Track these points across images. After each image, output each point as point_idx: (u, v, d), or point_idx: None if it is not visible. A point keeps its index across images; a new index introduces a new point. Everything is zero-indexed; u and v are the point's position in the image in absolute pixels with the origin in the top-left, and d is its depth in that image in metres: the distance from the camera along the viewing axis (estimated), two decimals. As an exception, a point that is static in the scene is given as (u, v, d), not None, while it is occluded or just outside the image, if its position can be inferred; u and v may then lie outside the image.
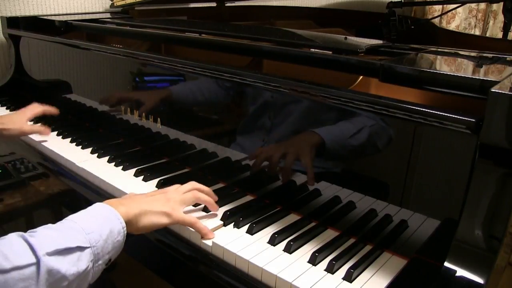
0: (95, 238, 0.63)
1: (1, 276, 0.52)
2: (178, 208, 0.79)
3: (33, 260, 0.55)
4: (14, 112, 1.30)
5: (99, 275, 0.65)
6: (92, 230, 0.63)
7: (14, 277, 0.53)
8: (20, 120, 1.19)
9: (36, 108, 1.26)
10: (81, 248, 0.60)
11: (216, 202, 0.88)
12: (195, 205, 0.89)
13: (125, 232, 0.69)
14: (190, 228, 0.81)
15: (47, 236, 0.60)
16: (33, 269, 0.55)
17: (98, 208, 0.69)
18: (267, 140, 0.93)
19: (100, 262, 0.63)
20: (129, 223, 0.71)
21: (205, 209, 0.87)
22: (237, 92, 0.97)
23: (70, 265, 0.58)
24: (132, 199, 0.78)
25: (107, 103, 1.30)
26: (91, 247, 0.62)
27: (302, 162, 0.87)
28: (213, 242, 0.77)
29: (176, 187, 0.84)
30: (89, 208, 0.69)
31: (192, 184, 0.85)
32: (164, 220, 0.76)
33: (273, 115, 0.91)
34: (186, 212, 0.82)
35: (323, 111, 0.84)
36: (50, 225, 0.63)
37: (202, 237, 0.79)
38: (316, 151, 0.85)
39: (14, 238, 0.58)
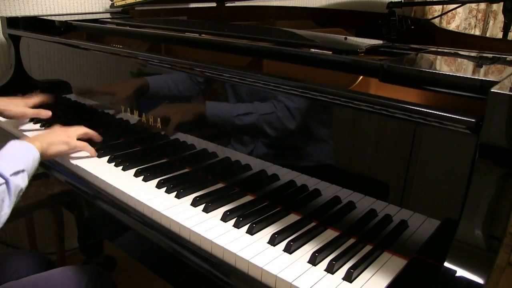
0: (28, 163, 0.93)
1: None
2: (73, 137, 1.10)
3: (3, 180, 0.85)
4: (14, 98, 1.38)
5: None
6: (25, 159, 0.93)
7: None
8: (22, 103, 1.33)
9: (36, 98, 1.38)
10: (22, 171, 0.90)
11: (217, 202, 0.89)
12: (195, 205, 0.89)
13: (39, 157, 0.99)
14: (190, 228, 0.81)
15: (5, 164, 0.88)
16: (4, 186, 0.85)
17: (21, 144, 0.97)
18: (255, 141, 0.95)
19: (28, 179, 0.93)
20: (42, 153, 1.00)
21: (205, 210, 0.88)
22: (208, 87, 1.04)
23: (21, 181, 0.89)
24: (38, 135, 1.06)
25: (84, 94, 1.40)
26: (26, 170, 0.91)
27: (175, 115, 1.08)
28: (213, 242, 0.77)
29: (72, 127, 1.14)
30: (13, 144, 0.95)
31: (84, 128, 1.16)
32: (64, 147, 1.07)
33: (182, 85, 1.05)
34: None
35: (219, 90, 0.98)
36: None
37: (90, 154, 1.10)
38: (198, 117, 1.04)
39: None
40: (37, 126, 1.37)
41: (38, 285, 0.99)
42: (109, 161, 1.10)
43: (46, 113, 1.33)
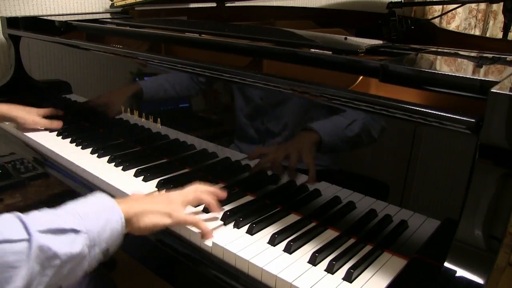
0: (91, 224, 0.64)
1: None
2: (179, 209, 0.79)
3: (25, 236, 0.56)
4: (27, 107, 1.36)
5: (95, 264, 0.66)
6: (88, 216, 0.64)
7: (4, 249, 0.55)
8: (35, 111, 1.31)
9: (50, 109, 1.37)
10: (75, 231, 0.61)
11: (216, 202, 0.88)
12: (195, 206, 0.89)
13: (123, 223, 0.69)
14: (191, 228, 0.81)
15: (42, 216, 0.62)
16: (24, 244, 0.56)
17: (97, 197, 0.71)
18: (267, 145, 0.93)
19: (96, 249, 0.64)
20: (129, 221, 0.71)
21: (206, 210, 0.87)
22: (213, 87, 1.00)
23: (63, 245, 0.59)
24: (133, 198, 0.78)
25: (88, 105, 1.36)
26: (86, 232, 0.63)
27: (304, 161, 0.87)
28: (213, 242, 0.77)
29: (180, 191, 0.84)
30: (90, 197, 0.71)
31: (196, 186, 0.85)
32: (166, 220, 0.76)
33: (267, 120, 0.92)
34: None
35: (313, 108, 0.84)
36: (48, 209, 0.65)
37: (203, 237, 0.79)
38: (315, 148, 0.85)
39: (8, 216, 0.60)
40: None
41: None
42: (109, 161, 1.10)
43: (58, 124, 1.31)
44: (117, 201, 0.73)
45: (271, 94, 0.90)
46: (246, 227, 0.81)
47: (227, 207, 0.88)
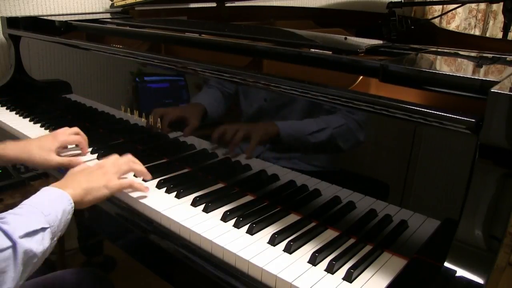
0: (53, 219, 0.72)
1: None
2: (114, 178, 0.89)
3: (9, 243, 0.63)
4: (43, 135, 1.10)
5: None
6: (50, 213, 0.72)
7: None
8: (48, 147, 1.03)
9: (72, 137, 1.10)
10: (43, 229, 0.69)
11: (217, 202, 0.89)
12: (195, 205, 0.89)
13: (73, 208, 0.79)
14: (190, 228, 0.81)
15: (16, 221, 0.67)
16: (10, 251, 0.63)
17: (50, 192, 0.78)
18: (268, 146, 0.94)
19: (55, 239, 0.73)
20: (76, 203, 0.80)
21: (205, 210, 0.87)
22: (234, 94, 0.99)
23: (38, 244, 0.67)
24: (73, 178, 0.86)
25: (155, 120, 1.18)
26: (50, 227, 0.71)
27: (250, 139, 0.96)
28: (213, 242, 0.77)
29: (112, 160, 0.93)
30: (41, 192, 0.77)
31: (128, 157, 0.96)
32: (104, 192, 0.86)
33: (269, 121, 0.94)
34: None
35: (306, 110, 0.87)
36: (12, 210, 0.71)
37: (140, 190, 0.91)
38: (270, 139, 0.93)
39: None
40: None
41: None
42: (109, 161, 1.10)
43: (77, 162, 1.04)
44: (61, 184, 0.81)
45: (275, 96, 0.91)
46: (246, 227, 0.81)
47: (227, 207, 0.88)
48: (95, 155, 1.14)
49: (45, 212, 0.71)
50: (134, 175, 1.00)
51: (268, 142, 0.94)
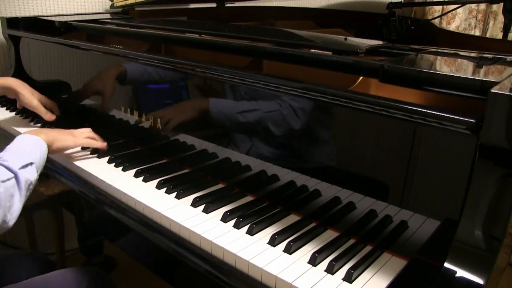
0: (35, 156, 0.92)
1: (3, 184, 0.81)
2: (80, 136, 1.11)
3: (12, 174, 0.84)
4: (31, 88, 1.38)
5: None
6: (32, 151, 0.93)
7: (8, 185, 0.82)
8: (37, 96, 1.35)
9: (49, 103, 1.38)
10: (31, 164, 0.89)
11: (217, 202, 0.89)
12: (195, 206, 0.89)
13: (47, 149, 0.98)
14: (190, 229, 0.81)
15: (12, 158, 0.87)
16: (13, 180, 0.84)
17: (29, 137, 0.97)
18: (254, 140, 0.95)
19: (38, 172, 0.93)
20: (47, 146, 0.99)
21: (205, 210, 0.88)
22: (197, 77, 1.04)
23: (31, 174, 0.88)
24: (44, 129, 1.14)
25: (76, 97, 1.41)
26: (35, 163, 0.91)
27: (179, 112, 1.08)
28: (213, 243, 0.77)
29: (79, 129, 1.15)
30: (21, 138, 0.96)
31: (89, 129, 1.16)
32: (70, 142, 1.07)
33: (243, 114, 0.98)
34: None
35: (249, 94, 0.94)
36: (3, 152, 0.90)
37: (100, 150, 1.14)
38: (201, 114, 1.03)
39: None
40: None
41: (37, 287, 0.99)
42: (109, 162, 1.10)
43: (50, 117, 1.33)
44: (34, 132, 1.00)
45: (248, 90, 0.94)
46: (246, 228, 0.81)
47: (227, 208, 0.88)
48: (95, 155, 1.14)
49: (28, 152, 0.92)
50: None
51: (198, 117, 1.03)
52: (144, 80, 1.15)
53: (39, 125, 1.37)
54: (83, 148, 1.18)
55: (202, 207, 0.89)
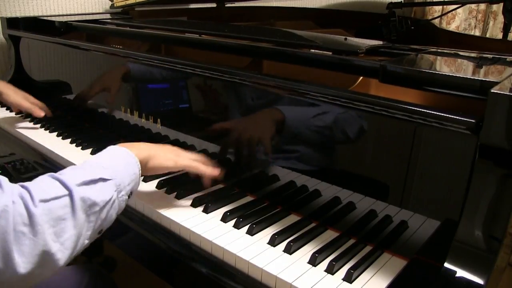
0: (114, 172, 0.73)
1: (45, 205, 0.62)
2: (184, 156, 0.88)
3: (66, 192, 0.65)
4: (18, 89, 1.38)
5: (124, 205, 0.75)
6: (110, 166, 0.74)
7: (55, 205, 0.63)
8: (22, 95, 1.32)
9: (37, 103, 1.36)
10: (103, 179, 0.70)
11: (217, 202, 0.89)
12: (195, 206, 0.89)
13: (139, 166, 0.79)
14: (190, 229, 0.81)
15: (73, 173, 0.69)
16: (67, 198, 0.64)
17: (113, 149, 0.79)
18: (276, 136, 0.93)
19: (123, 193, 0.73)
20: (141, 163, 0.80)
21: (205, 210, 0.87)
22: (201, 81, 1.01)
23: (97, 193, 0.68)
24: (143, 143, 0.87)
25: (81, 98, 1.39)
26: (112, 179, 0.71)
27: (262, 137, 0.91)
28: (213, 243, 0.77)
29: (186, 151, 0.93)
30: (105, 150, 0.79)
31: (197, 155, 0.93)
32: (170, 163, 0.85)
33: None
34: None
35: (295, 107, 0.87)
36: (73, 166, 0.73)
37: (208, 177, 0.89)
38: (276, 127, 0.88)
39: (46, 178, 0.68)
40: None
41: (38, 286, 0.99)
42: (109, 162, 1.10)
43: (39, 113, 1.31)
44: (127, 145, 0.82)
45: (261, 95, 0.92)
46: (246, 228, 0.81)
47: (227, 208, 0.88)
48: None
49: (104, 165, 0.73)
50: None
51: (276, 131, 0.87)
52: (147, 78, 1.14)
53: (39, 125, 1.37)
54: (83, 148, 1.18)
55: (202, 207, 0.89)
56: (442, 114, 0.65)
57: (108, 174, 0.71)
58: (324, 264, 0.72)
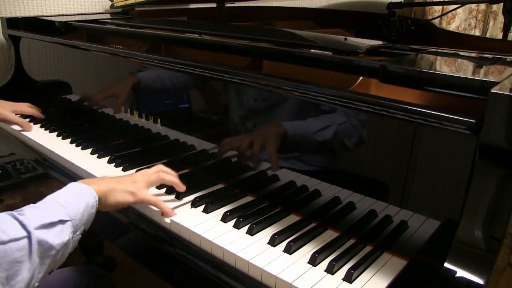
0: (74, 212, 0.72)
1: (1, 247, 0.61)
2: (143, 188, 0.86)
3: (24, 234, 0.63)
4: (4, 101, 1.38)
5: (76, 245, 0.74)
6: (70, 206, 0.72)
7: (12, 248, 0.62)
8: (8, 107, 1.31)
9: (26, 108, 1.36)
10: (62, 222, 0.69)
11: (217, 202, 0.89)
12: (195, 206, 0.89)
13: (97, 205, 0.78)
14: (190, 229, 0.81)
15: (33, 213, 0.68)
16: (25, 241, 0.63)
17: (74, 186, 0.78)
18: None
19: (78, 232, 0.73)
20: (100, 199, 0.79)
21: (205, 210, 0.87)
22: (207, 83, 1.02)
23: (55, 237, 0.67)
24: (102, 178, 0.86)
25: (87, 101, 1.38)
26: (71, 220, 0.71)
27: (267, 149, 0.92)
28: (213, 243, 0.77)
29: (143, 171, 0.91)
30: (66, 187, 0.77)
31: (158, 167, 0.92)
32: (129, 198, 0.84)
33: (258, 122, 0.95)
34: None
35: (300, 111, 0.87)
36: (33, 204, 0.71)
37: (163, 215, 0.86)
38: (280, 141, 0.90)
39: (5, 216, 0.65)
40: (38, 126, 1.37)
41: (38, 287, 0.99)
42: (109, 162, 1.10)
43: (27, 127, 1.31)
44: (87, 181, 0.80)
45: (265, 96, 0.92)
46: (246, 228, 0.81)
47: (227, 208, 0.88)
48: (95, 155, 1.14)
49: (65, 205, 0.71)
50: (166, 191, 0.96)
51: (279, 144, 0.90)
52: (158, 87, 1.13)
53: (39, 125, 1.37)
54: (82, 148, 1.18)
55: (202, 207, 0.89)
56: (442, 114, 0.65)
57: (67, 214, 0.70)
58: (324, 264, 0.72)
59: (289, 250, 0.75)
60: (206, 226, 0.82)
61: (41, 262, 0.65)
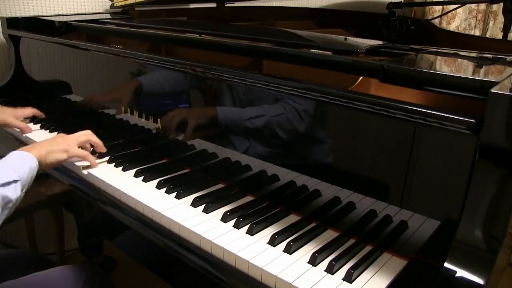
0: (22, 173, 0.89)
1: None
2: (74, 146, 1.04)
3: None
4: (5, 107, 1.39)
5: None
6: (19, 169, 0.89)
7: None
8: (8, 112, 1.34)
9: (27, 110, 1.39)
10: (15, 181, 0.87)
11: (217, 202, 0.89)
12: (195, 206, 0.89)
13: (37, 165, 0.95)
14: (190, 229, 0.81)
15: None
16: None
17: (19, 154, 0.94)
18: (252, 140, 0.95)
19: (23, 190, 0.90)
20: (40, 162, 0.96)
21: (205, 210, 0.87)
22: (202, 83, 1.04)
23: (12, 192, 0.85)
24: (38, 143, 1.03)
25: (87, 104, 1.39)
26: (20, 180, 0.88)
27: (188, 122, 1.06)
28: (213, 243, 0.77)
29: (74, 134, 1.09)
30: (10, 154, 0.93)
31: (86, 131, 1.11)
32: (63, 155, 1.02)
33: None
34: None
35: (244, 99, 0.95)
36: None
37: (90, 167, 1.06)
38: (209, 122, 1.03)
39: None
40: (38, 126, 1.37)
41: (37, 285, 0.99)
42: (109, 162, 1.10)
43: (27, 130, 1.32)
44: (28, 148, 0.98)
45: (251, 90, 0.94)
46: (246, 228, 0.81)
47: (227, 208, 0.88)
48: (95, 155, 1.14)
49: (15, 168, 0.88)
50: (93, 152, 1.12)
51: (207, 125, 1.03)
52: (158, 91, 1.15)
53: (39, 125, 1.37)
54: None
55: (202, 207, 0.89)
56: (442, 114, 0.65)
57: (18, 176, 0.87)
58: (324, 264, 0.72)
59: (289, 250, 0.75)
60: (206, 226, 0.82)
61: (2, 212, 0.84)
